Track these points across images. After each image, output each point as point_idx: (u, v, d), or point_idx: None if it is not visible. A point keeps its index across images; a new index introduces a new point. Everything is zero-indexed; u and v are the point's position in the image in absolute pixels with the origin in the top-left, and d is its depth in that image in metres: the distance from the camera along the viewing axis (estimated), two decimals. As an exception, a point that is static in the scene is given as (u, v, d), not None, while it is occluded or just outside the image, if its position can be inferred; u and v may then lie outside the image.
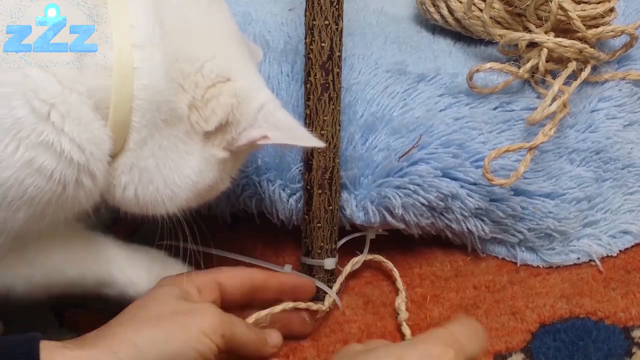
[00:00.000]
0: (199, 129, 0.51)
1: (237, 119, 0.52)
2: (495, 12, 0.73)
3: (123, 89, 0.47)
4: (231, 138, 0.52)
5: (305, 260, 0.67)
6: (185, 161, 0.51)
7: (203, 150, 0.52)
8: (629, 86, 0.76)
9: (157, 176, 0.51)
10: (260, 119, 0.52)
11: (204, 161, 0.52)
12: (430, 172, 0.66)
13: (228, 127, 0.52)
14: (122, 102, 0.47)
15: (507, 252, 0.73)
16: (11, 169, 0.43)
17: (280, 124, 0.52)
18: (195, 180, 0.52)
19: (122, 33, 0.47)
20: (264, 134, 0.52)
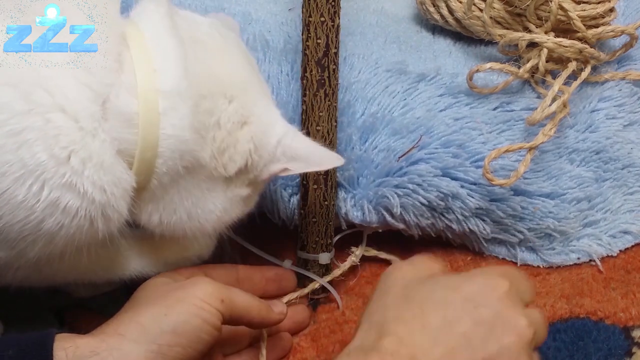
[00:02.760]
0: (218, 175, 0.52)
1: (256, 161, 0.53)
2: (495, 12, 0.73)
3: (148, 136, 0.48)
4: (253, 176, 0.54)
5: (301, 254, 0.67)
6: (208, 199, 0.53)
7: (227, 190, 0.53)
8: (629, 86, 0.76)
9: (181, 209, 0.52)
10: (278, 154, 0.54)
11: (229, 200, 0.54)
12: (430, 171, 0.66)
13: (248, 167, 0.53)
14: (147, 149, 0.48)
15: (507, 252, 0.73)
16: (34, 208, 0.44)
17: (298, 155, 0.54)
18: (219, 215, 0.54)
19: (146, 78, 0.48)
20: (284, 167, 0.54)
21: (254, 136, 0.52)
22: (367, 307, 0.50)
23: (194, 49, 0.51)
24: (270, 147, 0.53)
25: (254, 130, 0.52)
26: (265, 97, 0.56)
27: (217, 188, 0.53)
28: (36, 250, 0.47)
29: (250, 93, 0.54)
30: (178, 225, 0.53)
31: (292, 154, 0.54)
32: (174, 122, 0.48)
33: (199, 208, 0.52)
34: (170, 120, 0.48)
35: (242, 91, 0.53)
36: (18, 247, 0.46)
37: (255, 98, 0.54)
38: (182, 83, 0.48)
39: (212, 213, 0.53)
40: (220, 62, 0.53)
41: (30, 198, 0.44)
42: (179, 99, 0.48)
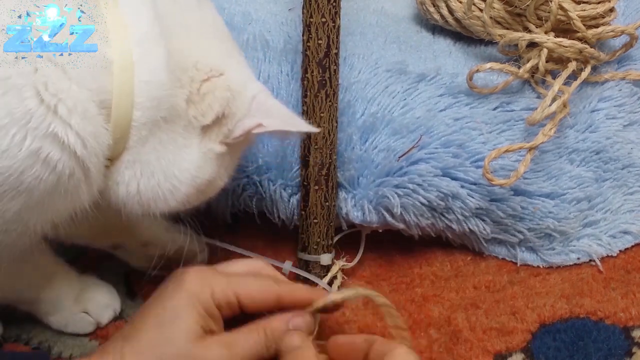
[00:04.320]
0: (197, 124, 0.52)
1: (233, 112, 0.53)
2: (495, 12, 0.73)
3: (123, 86, 0.47)
4: (227, 130, 0.53)
5: (302, 255, 0.67)
6: (185, 155, 0.52)
7: (201, 144, 0.53)
8: (629, 86, 0.76)
9: (158, 169, 0.51)
10: (253, 108, 0.53)
11: (203, 156, 0.53)
12: (430, 171, 0.66)
13: (224, 120, 0.53)
14: (123, 99, 0.47)
15: (507, 252, 0.73)
16: (15, 158, 0.43)
17: (273, 112, 0.54)
18: (194, 174, 0.53)
19: (119, 31, 0.48)
20: (258, 122, 0.53)
21: (231, 86, 0.52)
22: None
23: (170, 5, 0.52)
24: (245, 100, 0.53)
25: (231, 80, 0.53)
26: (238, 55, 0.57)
27: (192, 142, 0.52)
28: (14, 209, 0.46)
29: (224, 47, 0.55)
30: (155, 191, 0.51)
31: (267, 110, 0.53)
32: (150, 66, 0.48)
33: (175, 166, 0.51)
34: (146, 66, 0.48)
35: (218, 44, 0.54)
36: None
37: (229, 54, 0.55)
38: (154, 30, 0.49)
39: (187, 171, 0.52)
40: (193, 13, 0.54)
41: (13, 147, 0.43)
42: (152, 44, 0.48)
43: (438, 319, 0.67)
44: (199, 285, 0.54)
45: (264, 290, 0.56)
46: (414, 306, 0.68)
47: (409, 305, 0.68)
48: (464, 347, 0.64)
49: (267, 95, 0.55)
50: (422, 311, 0.68)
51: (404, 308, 0.68)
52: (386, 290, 0.70)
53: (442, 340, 0.65)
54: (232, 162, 0.57)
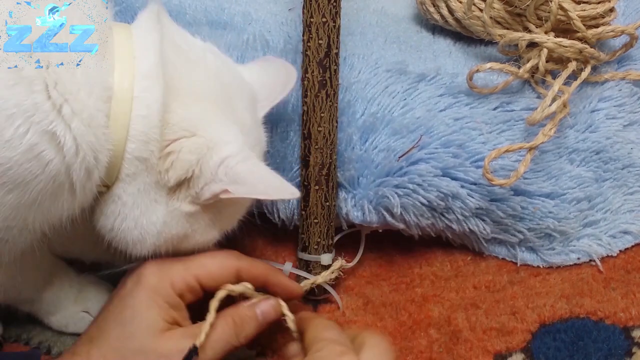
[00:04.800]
0: (163, 184, 0.51)
1: (197, 175, 0.51)
2: (495, 12, 0.73)
3: (120, 116, 0.48)
4: (195, 193, 0.52)
5: (302, 255, 0.67)
6: (153, 209, 0.52)
7: (169, 202, 0.52)
8: (629, 86, 0.76)
9: (130, 215, 0.51)
10: (220, 173, 0.51)
11: (169, 213, 0.52)
12: (430, 171, 0.66)
13: (190, 182, 0.52)
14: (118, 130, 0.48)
15: (507, 252, 0.73)
16: (16, 150, 0.44)
17: (241, 178, 0.51)
18: (159, 229, 0.52)
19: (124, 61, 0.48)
20: (224, 188, 0.51)
21: (198, 148, 0.51)
22: None
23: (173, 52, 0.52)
24: (212, 164, 0.51)
25: (199, 143, 0.51)
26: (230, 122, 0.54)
27: (161, 198, 0.52)
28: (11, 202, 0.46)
29: (210, 110, 0.53)
30: (124, 235, 0.52)
31: (234, 176, 0.51)
32: (149, 103, 0.48)
33: (144, 217, 0.51)
34: (145, 101, 0.48)
35: (201, 104, 0.52)
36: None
37: (213, 116, 0.53)
38: (158, 69, 0.49)
39: (154, 225, 0.52)
40: (190, 71, 0.53)
41: (15, 139, 0.43)
42: (154, 82, 0.49)
43: (438, 319, 0.67)
44: (157, 278, 0.55)
45: (223, 267, 0.57)
46: (414, 306, 0.68)
47: (409, 305, 0.68)
48: (464, 347, 0.64)
49: (240, 160, 0.52)
50: (422, 311, 0.68)
51: (404, 308, 0.68)
52: (386, 290, 0.70)
53: (442, 340, 0.65)
54: (223, 219, 0.56)
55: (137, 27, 0.52)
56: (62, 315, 0.63)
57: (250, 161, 0.52)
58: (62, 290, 0.63)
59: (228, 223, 0.57)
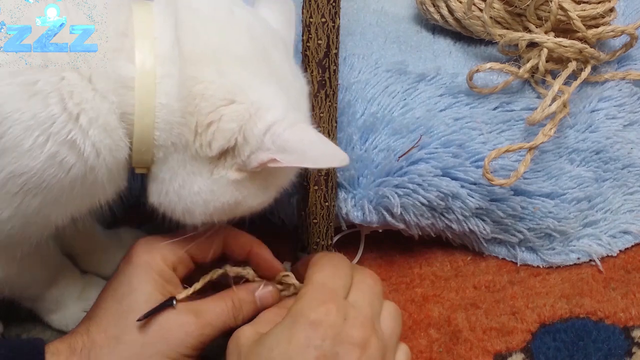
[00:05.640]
0: (202, 154, 0.50)
1: (242, 143, 0.50)
2: (495, 12, 0.73)
3: (145, 102, 0.48)
4: (241, 161, 0.51)
5: (302, 255, 0.67)
6: (195, 180, 0.51)
7: (214, 171, 0.51)
8: (629, 86, 0.76)
9: (171, 190, 0.51)
10: (267, 142, 0.49)
11: (215, 182, 0.51)
12: (430, 171, 0.66)
13: (235, 150, 0.50)
14: (144, 116, 0.48)
15: (507, 252, 0.73)
16: (37, 159, 0.45)
17: (290, 147, 0.49)
18: (206, 198, 0.52)
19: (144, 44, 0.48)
20: (271, 157, 0.49)
21: (239, 116, 0.49)
22: None
23: (194, 20, 0.50)
24: (258, 132, 0.49)
25: (240, 110, 0.49)
26: (268, 81, 0.52)
27: (203, 169, 0.51)
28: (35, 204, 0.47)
29: (246, 72, 0.51)
30: (171, 208, 0.52)
31: (282, 144, 0.49)
32: (167, 90, 0.48)
33: (185, 190, 0.51)
34: (164, 88, 0.48)
35: (236, 68, 0.50)
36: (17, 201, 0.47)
37: (251, 78, 0.51)
38: (174, 50, 0.48)
39: (198, 195, 0.51)
40: (219, 36, 0.51)
41: (35, 149, 0.44)
42: (171, 66, 0.48)
43: (438, 319, 0.67)
44: (147, 254, 0.56)
45: (211, 238, 0.58)
46: (414, 306, 0.68)
47: (409, 305, 0.68)
48: (464, 347, 0.64)
49: (287, 126, 0.49)
50: (422, 311, 0.68)
51: (404, 308, 0.68)
52: (386, 290, 0.70)
53: (442, 340, 0.65)
54: (273, 180, 0.54)
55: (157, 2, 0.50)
56: (63, 315, 0.64)
57: (297, 126, 0.50)
58: (66, 289, 0.63)
59: (280, 184, 0.56)
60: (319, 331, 0.50)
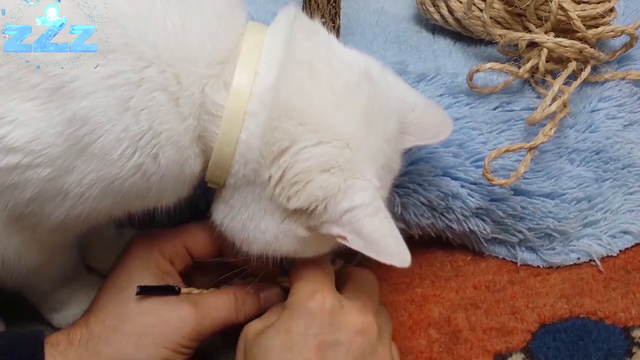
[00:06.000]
0: (278, 202, 0.51)
1: (320, 211, 0.50)
2: (495, 12, 0.73)
3: (229, 133, 0.49)
4: (313, 224, 0.51)
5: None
6: (263, 219, 0.52)
7: (285, 221, 0.52)
8: (629, 86, 0.76)
9: (238, 218, 0.52)
10: (345, 220, 0.50)
11: (282, 231, 0.52)
12: (430, 171, 0.66)
13: (311, 213, 0.51)
14: (224, 145, 0.49)
15: (507, 252, 0.73)
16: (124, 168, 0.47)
17: (363, 233, 0.50)
18: (268, 240, 0.52)
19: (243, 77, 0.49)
20: (343, 234, 0.50)
21: (328, 187, 0.49)
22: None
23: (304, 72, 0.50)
24: (339, 208, 0.49)
25: (331, 182, 0.49)
26: (368, 163, 0.51)
27: (275, 213, 0.51)
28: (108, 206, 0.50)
29: (351, 149, 0.50)
30: (232, 233, 0.53)
31: (357, 229, 0.49)
32: (251, 127, 0.48)
33: (253, 223, 0.52)
34: (249, 125, 0.49)
35: (341, 142, 0.50)
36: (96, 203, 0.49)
37: (353, 157, 0.50)
38: (270, 93, 0.48)
39: (262, 234, 0.52)
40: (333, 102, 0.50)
41: (123, 158, 0.47)
42: (262, 107, 0.48)
43: (438, 319, 0.67)
44: (145, 248, 0.57)
45: (210, 237, 0.58)
46: (414, 306, 0.68)
47: (409, 305, 0.68)
48: (464, 347, 0.64)
49: (368, 215, 0.49)
50: (422, 311, 0.68)
51: (404, 308, 0.68)
52: (386, 290, 0.70)
53: (442, 340, 0.65)
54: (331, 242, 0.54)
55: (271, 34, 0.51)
56: (65, 315, 0.64)
57: (377, 216, 0.50)
58: (73, 291, 0.64)
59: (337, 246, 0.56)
60: (316, 319, 0.52)
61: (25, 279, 0.57)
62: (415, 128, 0.57)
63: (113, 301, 0.55)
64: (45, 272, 0.59)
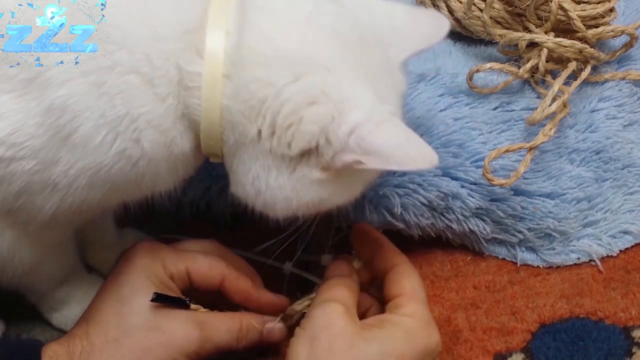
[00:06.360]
0: (281, 152, 0.48)
1: (324, 145, 0.47)
2: (495, 12, 0.73)
3: (211, 99, 0.47)
4: (325, 161, 0.48)
5: (302, 256, 0.67)
6: (269, 174, 0.49)
7: (297, 168, 0.49)
8: (629, 86, 0.76)
9: (246, 182, 0.50)
10: (351, 143, 0.47)
11: (298, 180, 0.49)
12: (431, 171, 0.66)
13: (319, 150, 0.48)
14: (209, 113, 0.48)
15: (507, 252, 0.73)
16: (105, 155, 0.47)
17: (375, 150, 0.46)
18: (288, 196, 0.50)
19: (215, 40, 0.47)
20: (356, 158, 0.47)
21: (320, 118, 0.47)
22: None
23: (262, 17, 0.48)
24: (340, 134, 0.46)
25: (321, 112, 0.47)
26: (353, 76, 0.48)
27: (282, 166, 0.49)
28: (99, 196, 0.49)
29: (328, 70, 0.47)
30: (250, 199, 0.51)
31: (367, 147, 0.46)
32: (228, 92, 0.47)
33: (262, 183, 0.49)
34: (227, 90, 0.47)
35: (318, 69, 0.47)
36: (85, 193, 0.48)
37: (332, 76, 0.47)
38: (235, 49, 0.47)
39: (279, 190, 0.49)
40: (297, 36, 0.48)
41: (105, 145, 0.46)
42: (234, 67, 0.47)
43: (438, 319, 0.67)
44: (149, 259, 0.56)
45: (212, 268, 0.58)
46: (414, 306, 0.68)
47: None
48: (464, 347, 0.64)
49: (373, 128, 0.46)
50: (422, 311, 0.68)
51: (404, 308, 0.68)
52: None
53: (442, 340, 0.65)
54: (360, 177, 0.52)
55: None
56: (64, 314, 0.64)
57: (383, 126, 0.47)
58: (72, 290, 0.64)
59: (369, 179, 0.54)
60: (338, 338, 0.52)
61: (21, 277, 0.57)
62: (404, 36, 0.54)
63: (115, 311, 0.54)
64: (42, 271, 0.59)
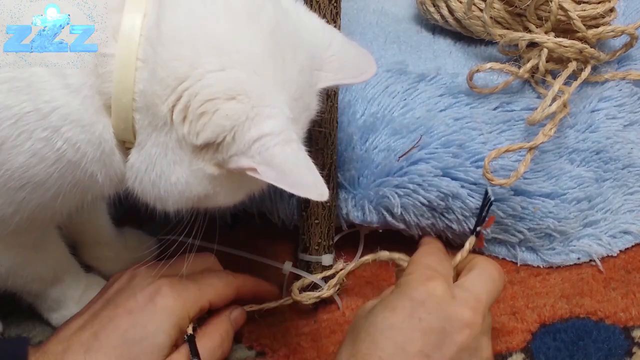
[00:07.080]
0: (189, 141, 0.47)
1: (229, 142, 0.47)
2: (496, 12, 0.73)
3: (123, 80, 0.46)
4: (222, 158, 0.48)
5: (303, 256, 0.67)
6: (173, 170, 0.49)
7: (192, 161, 0.48)
8: (629, 86, 0.76)
9: (146, 178, 0.49)
10: (253, 149, 0.46)
11: (192, 173, 0.49)
12: (430, 171, 0.66)
13: (220, 146, 0.47)
14: (121, 95, 0.46)
15: (507, 252, 0.73)
16: (24, 156, 0.45)
17: (275, 163, 0.46)
18: (181, 190, 0.49)
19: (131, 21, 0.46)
20: (253, 166, 0.46)
21: (235, 115, 0.46)
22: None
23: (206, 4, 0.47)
24: (248, 136, 0.46)
25: (238, 110, 0.46)
26: (277, 86, 0.48)
27: (183, 159, 0.48)
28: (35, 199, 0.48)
29: (258, 75, 0.47)
30: (145, 195, 0.50)
31: (267, 158, 0.46)
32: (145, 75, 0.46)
33: (162, 180, 0.49)
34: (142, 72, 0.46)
35: (246, 67, 0.47)
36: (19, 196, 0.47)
37: (261, 83, 0.47)
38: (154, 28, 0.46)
39: (173, 186, 0.49)
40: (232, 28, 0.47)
41: (20, 145, 0.45)
42: (150, 46, 0.46)
43: (438, 319, 0.67)
44: (172, 300, 0.56)
45: (228, 285, 0.60)
46: (414, 306, 0.68)
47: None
48: (464, 347, 0.64)
49: (280, 143, 0.46)
50: (422, 311, 0.68)
51: (404, 308, 0.68)
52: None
53: (442, 340, 0.65)
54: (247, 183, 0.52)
55: None
56: (63, 314, 0.64)
57: (290, 146, 0.47)
58: (68, 289, 0.64)
59: (252, 189, 0.54)
60: (425, 304, 0.52)
61: (6, 280, 0.57)
62: (333, 65, 0.54)
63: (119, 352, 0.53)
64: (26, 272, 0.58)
